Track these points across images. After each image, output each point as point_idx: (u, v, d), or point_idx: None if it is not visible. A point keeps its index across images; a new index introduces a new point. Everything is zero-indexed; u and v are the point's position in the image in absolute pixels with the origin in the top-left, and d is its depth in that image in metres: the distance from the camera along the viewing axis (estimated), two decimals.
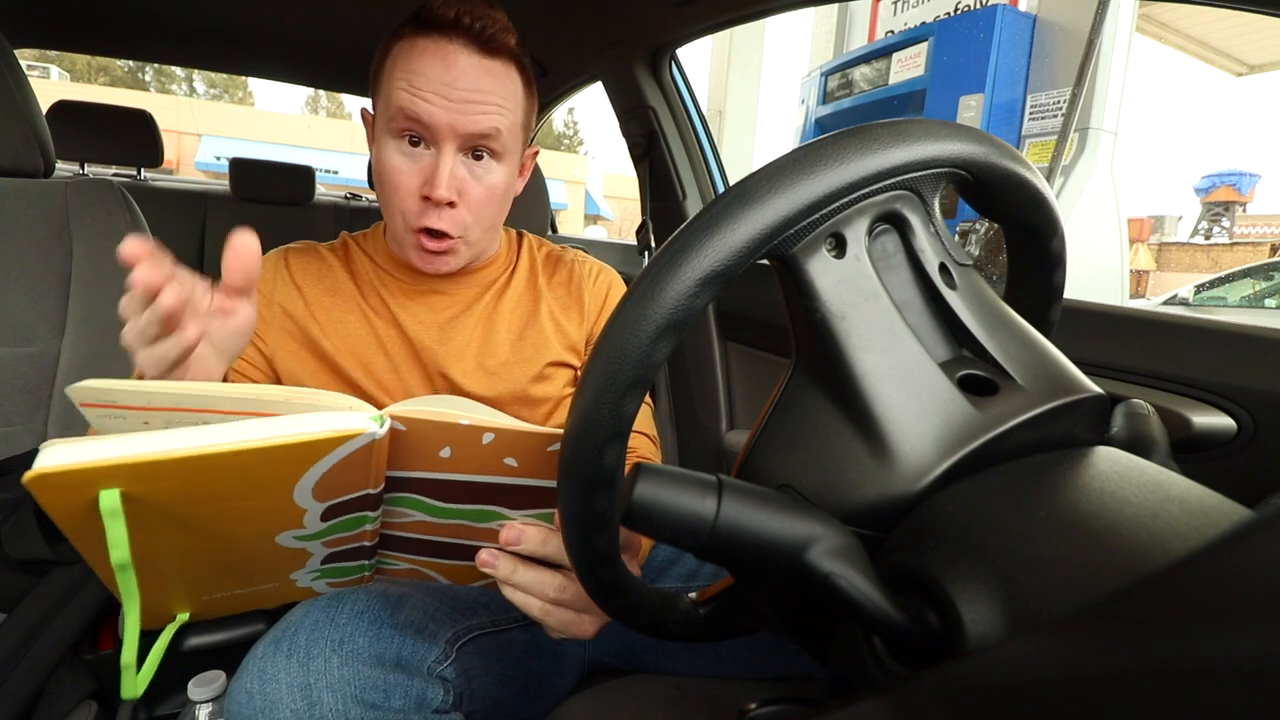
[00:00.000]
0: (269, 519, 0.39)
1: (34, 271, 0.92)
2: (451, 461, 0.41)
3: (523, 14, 1.29)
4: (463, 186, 0.64)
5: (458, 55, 0.61)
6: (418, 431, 0.38)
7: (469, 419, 0.37)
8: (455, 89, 0.61)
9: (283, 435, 0.32)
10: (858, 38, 3.75)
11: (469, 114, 0.61)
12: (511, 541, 0.44)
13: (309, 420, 0.33)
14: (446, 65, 0.60)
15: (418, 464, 0.41)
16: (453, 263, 0.68)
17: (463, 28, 0.61)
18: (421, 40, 0.61)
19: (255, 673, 0.47)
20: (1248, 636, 0.12)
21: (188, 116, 14.33)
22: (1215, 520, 0.25)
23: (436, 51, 0.61)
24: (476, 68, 0.61)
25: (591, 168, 18.98)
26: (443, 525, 0.46)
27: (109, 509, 0.31)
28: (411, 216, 0.65)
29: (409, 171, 0.63)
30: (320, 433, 0.33)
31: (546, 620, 0.47)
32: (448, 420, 0.37)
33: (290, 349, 0.69)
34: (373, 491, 0.41)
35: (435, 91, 0.60)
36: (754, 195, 0.30)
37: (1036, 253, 0.41)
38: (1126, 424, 0.36)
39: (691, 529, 0.29)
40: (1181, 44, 5.26)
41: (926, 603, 0.27)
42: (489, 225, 0.69)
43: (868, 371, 0.32)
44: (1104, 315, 0.69)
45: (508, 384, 0.72)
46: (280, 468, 0.35)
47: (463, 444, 0.39)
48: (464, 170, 0.64)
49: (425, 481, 0.42)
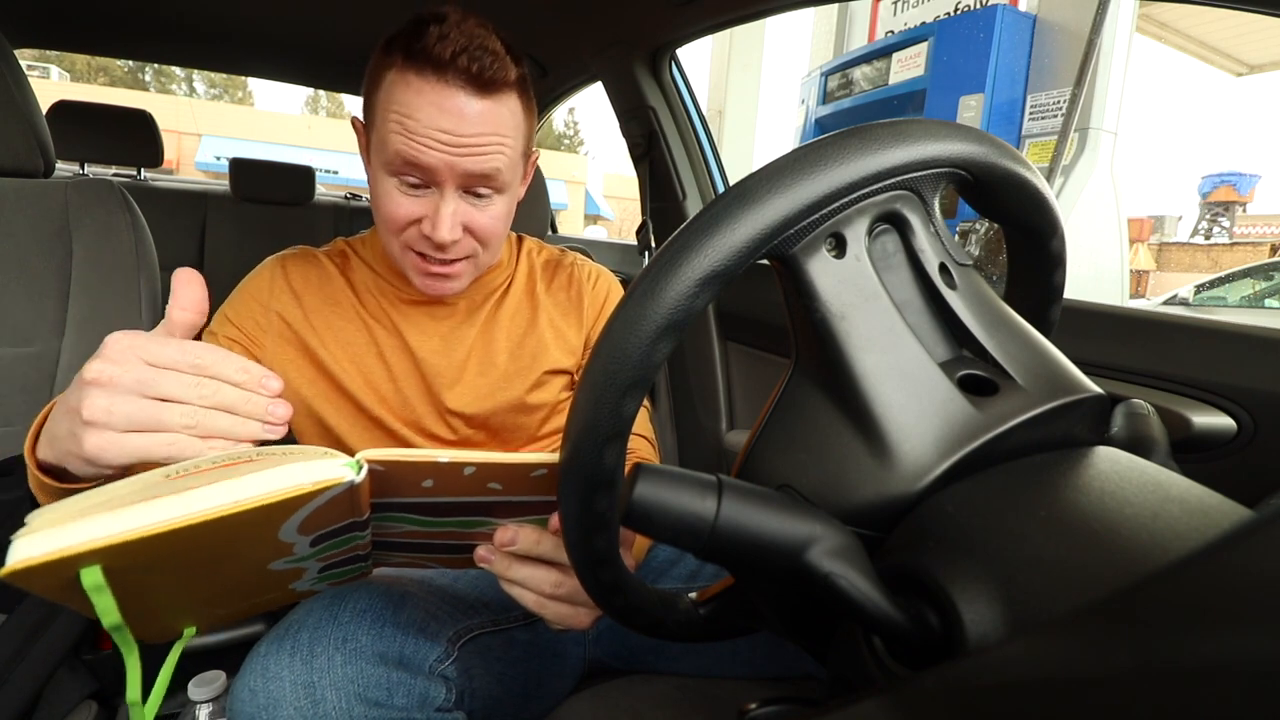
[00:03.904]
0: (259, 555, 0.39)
1: (34, 271, 0.92)
2: (435, 490, 0.41)
3: (523, 14, 1.30)
4: (467, 220, 0.62)
5: (455, 99, 0.57)
6: (397, 470, 0.37)
7: (448, 456, 0.37)
8: (455, 135, 0.58)
9: (259, 495, 0.31)
10: (858, 38, 3.75)
11: (470, 157, 0.59)
12: (506, 543, 0.44)
13: (285, 475, 0.32)
14: (444, 111, 0.57)
15: (401, 494, 0.41)
16: (457, 286, 0.67)
17: (460, 69, 0.56)
18: (417, 81, 0.57)
19: (258, 671, 0.47)
20: (1248, 636, 0.12)
21: (188, 116, 14.34)
22: (1215, 520, 0.25)
23: (433, 96, 0.57)
24: (478, 113, 0.58)
25: (591, 168, 18.98)
26: (435, 532, 0.47)
27: (93, 585, 0.30)
28: (411, 242, 0.64)
29: (409, 208, 0.61)
30: (296, 487, 0.32)
31: (543, 613, 0.47)
32: (426, 459, 0.37)
33: (288, 356, 0.68)
34: (359, 519, 0.41)
35: (434, 139, 0.57)
36: (754, 195, 0.30)
37: (1036, 253, 0.41)
38: (1126, 424, 0.36)
39: (691, 529, 0.29)
40: (1181, 44, 5.26)
41: (926, 603, 0.27)
42: (497, 247, 0.68)
43: (868, 371, 0.32)
44: (1104, 315, 0.69)
45: (506, 393, 0.72)
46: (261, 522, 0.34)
47: (444, 476, 0.39)
48: (466, 205, 0.62)
49: (412, 504, 0.42)
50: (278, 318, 0.68)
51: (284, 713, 0.46)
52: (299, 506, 0.34)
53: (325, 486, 0.33)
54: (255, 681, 0.47)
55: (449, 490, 0.41)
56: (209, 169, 13.13)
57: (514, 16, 1.26)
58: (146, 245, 1.00)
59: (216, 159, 13.20)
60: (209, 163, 13.36)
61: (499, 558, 0.45)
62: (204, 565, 0.37)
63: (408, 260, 0.65)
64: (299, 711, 0.46)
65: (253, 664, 0.48)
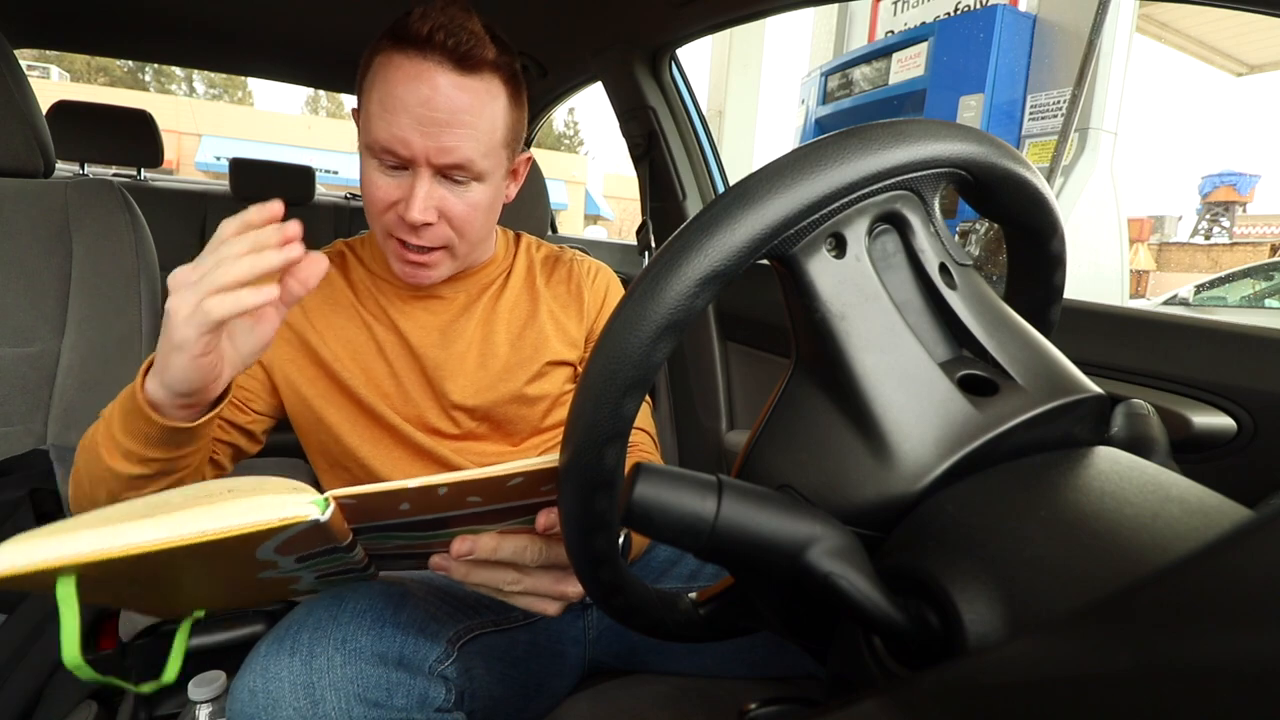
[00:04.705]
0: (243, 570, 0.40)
1: (34, 271, 0.92)
2: (414, 510, 0.41)
3: (523, 14, 1.30)
4: (442, 205, 0.63)
5: (433, 75, 0.59)
6: (369, 501, 0.38)
7: (417, 481, 0.37)
8: (430, 112, 0.59)
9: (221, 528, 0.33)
10: (858, 38, 3.75)
11: (443, 141, 0.60)
12: (464, 554, 0.45)
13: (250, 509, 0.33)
14: (420, 86, 0.59)
15: (382, 517, 0.41)
16: (433, 275, 0.68)
17: (436, 44, 0.58)
18: (398, 57, 0.59)
19: (258, 671, 0.47)
20: (1248, 636, 0.12)
21: (187, 116, 14.34)
22: (1215, 520, 0.25)
23: (412, 71, 0.59)
24: (453, 87, 0.59)
25: (591, 168, 18.98)
26: (429, 543, 0.47)
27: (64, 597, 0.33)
28: (391, 227, 0.64)
29: (387, 188, 0.62)
30: (257, 523, 0.33)
31: (507, 601, 0.49)
32: (396, 488, 0.37)
33: (289, 356, 0.68)
34: (340, 545, 0.41)
35: (410, 116, 0.59)
36: (754, 195, 0.30)
37: (1036, 253, 0.41)
38: (1126, 424, 0.36)
39: (691, 529, 0.29)
40: (1181, 44, 5.25)
41: (926, 603, 0.27)
42: (475, 239, 0.68)
43: (868, 371, 0.32)
44: (1104, 315, 0.69)
45: (507, 384, 0.72)
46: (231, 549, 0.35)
47: (419, 500, 0.39)
48: (443, 189, 0.63)
49: (396, 525, 0.43)
50: None
51: (283, 713, 0.46)
52: (264, 540, 0.35)
53: (288, 524, 0.34)
54: (255, 681, 0.47)
55: (428, 510, 0.41)
56: (209, 169, 13.13)
57: (514, 16, 1.26)
58: (146, 245, 1.00)
59: (216, 159, 13.21)
60: (209, 163, 13.36)
61: (455, 564, 0.46)
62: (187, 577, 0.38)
63: (389, 246, 0.66)
64: (298, 712, 0.46)
65: (252, 664, 0.48)
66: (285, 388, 0.69)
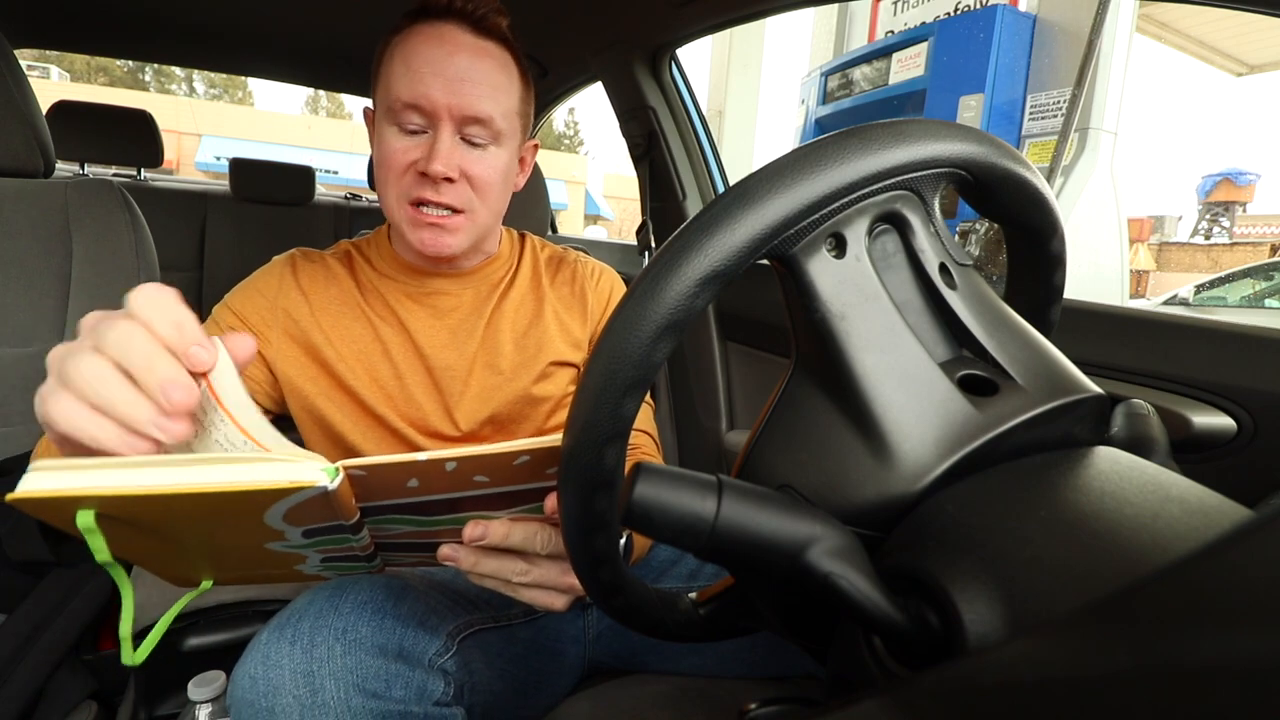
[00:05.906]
0: (250, 534, 0.40)
1: (34, 271, 0.92)
2: (422, 489, 0.41)
3: (523, 14, 1.29)
4: (463, 164, 0.64)
5: (452, 35, 0.63)
6: (379, 473, 0.38)
7: (426, 455, 0.38)
8: (451, 66, 0.62)
9: (231, 482, 0.34)
10: (858, 38, 3.75)
11: (464, 94, 0.62)
12: (476, 538, 0.44)
13: (260, 470, 0.35)
14: (441, 44, 0.62)
15: (389, 495, 0.41)
16: (452, 243, 0.66)
17: (455, 11, 0.63)
18: (419, 25, 0.64)
19: (259, 658, 0.48)
20: (1248, 636, 0.12)
21: (188, 116, 14.34)
22: (1215, 520, 0.25)
23: (433, 34, 0.63)
24: (470, 47, 0.63)
25: (591, 168, 18.98)
26: (434, 531, 0.47)
27: (85, 526, 0.35)
28: (410, 187, 0.64)
29: (406, 149, 0.64)
30: (268, 482, 0.34)
31: (514, 596, 0.48)
32: (406, 460, 0.38)
33: (292, 354, 0.68)
34: (347, 522, 0.41)
35: (432, 71, 0.62)
36: (754, 195, 0.30)
37: (1036, 253, 0.41)
38: (1126, 424, 0.36)
39: (691, 529, 0.29)
40: (1181, 44, 5.25)
41: (926, 603, 0.27)
42: (493, 208, 0.69)
43: (868, 371, 0.32)
44: (1104, 315, 0.69)
45: (512, 386, 0.72)
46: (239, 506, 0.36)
47: (427, 475, 0.39)
48: (463, 149, 0.65)
49: (403, 505, 0.43)
50: (284, 314, 0.69)
51: (283, 700, 0.46)
52: (272, 500, 0.36)
53: (295, 487, 0.35)
54: (256, 669, 0.47)
55: (435, 488, 0.41)
56: (209, 169, 13.13)
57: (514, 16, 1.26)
58: (146, 245, 1.00)
59: (216, 159, 13.21)
60: (209, 163, 13.36)
61: (464, 554, 0.46)
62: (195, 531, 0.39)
63: (404, 214, 0.65)
64: (298, 700, 0.46)
65: (254, 651, 0.48)
66: (286, 386, 0.69)
